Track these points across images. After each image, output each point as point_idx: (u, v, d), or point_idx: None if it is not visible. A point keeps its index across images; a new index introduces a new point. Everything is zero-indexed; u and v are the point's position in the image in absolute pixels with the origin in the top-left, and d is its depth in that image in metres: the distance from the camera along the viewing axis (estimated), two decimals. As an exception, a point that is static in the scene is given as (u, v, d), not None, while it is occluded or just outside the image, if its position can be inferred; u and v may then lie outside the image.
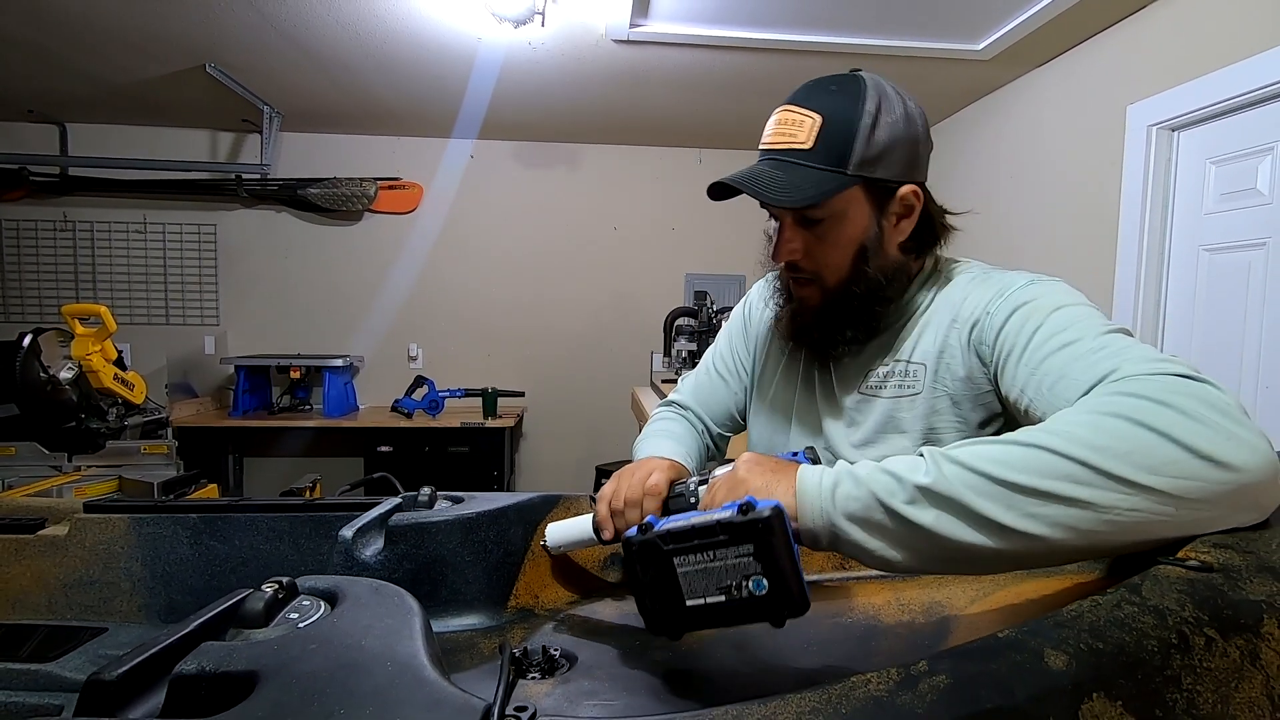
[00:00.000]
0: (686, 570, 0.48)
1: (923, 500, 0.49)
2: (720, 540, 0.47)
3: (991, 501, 0.48)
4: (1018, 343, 0.71)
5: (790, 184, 0.76)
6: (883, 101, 0.77)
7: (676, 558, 0.48)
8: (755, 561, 0.46)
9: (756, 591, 0.46)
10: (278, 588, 0.44)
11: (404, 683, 0.37)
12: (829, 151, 0.76)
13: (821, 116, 0.76)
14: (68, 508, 0.85)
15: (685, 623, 0.49)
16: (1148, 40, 2.23)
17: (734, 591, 0.47)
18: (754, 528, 0.46)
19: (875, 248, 0.81)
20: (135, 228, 3.76)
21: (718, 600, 0.48)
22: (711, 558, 0.48)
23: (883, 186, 0.79)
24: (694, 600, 0.48)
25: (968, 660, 0.36)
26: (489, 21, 2.36)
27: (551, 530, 0.72)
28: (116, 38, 2.56)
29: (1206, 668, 0.37)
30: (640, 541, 0.49)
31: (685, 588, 0.48)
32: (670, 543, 0.48)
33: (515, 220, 3.99)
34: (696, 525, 0.48)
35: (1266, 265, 1.87)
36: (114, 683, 0.37)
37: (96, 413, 2.23)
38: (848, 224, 0.79)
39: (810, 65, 2.69)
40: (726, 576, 0.47)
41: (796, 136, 0.77)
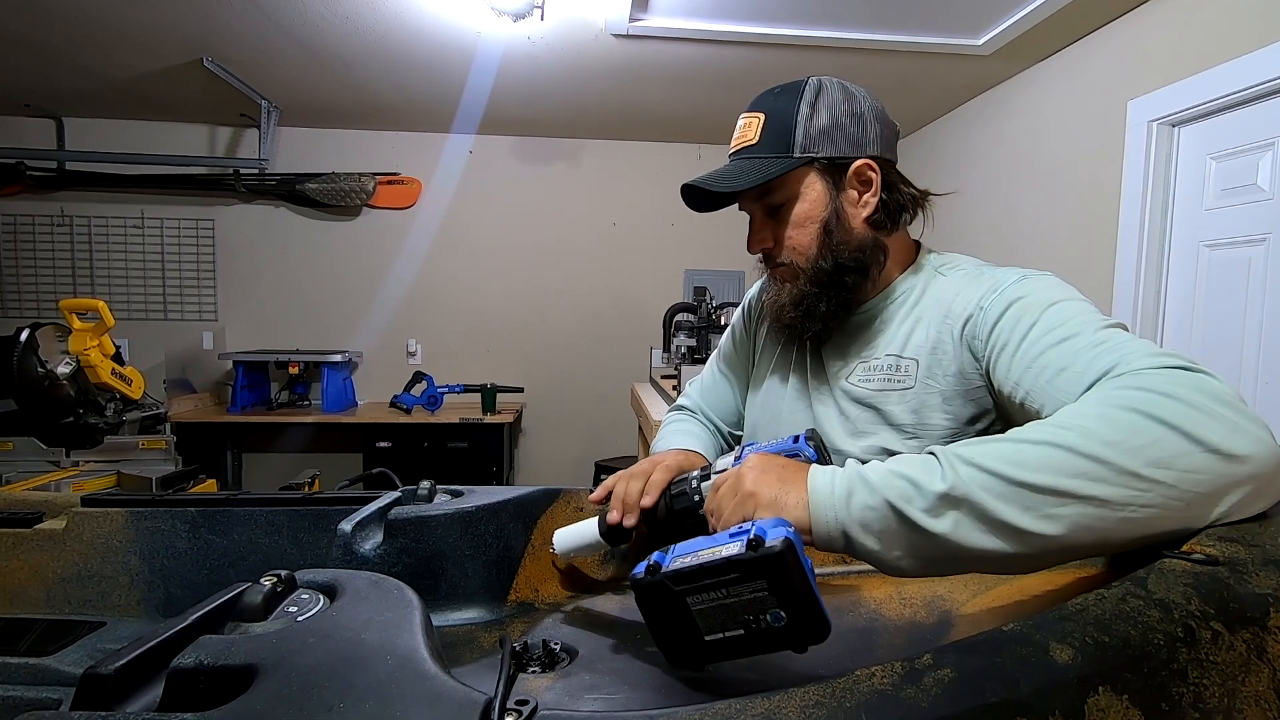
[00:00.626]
0: (701, 608, 0.47)
1: (940, 507, 0.48)
2: (731, 578, 0.46)
3: (1009, 504, 0.47)
4: (1013, 337, 0.71)
5: (739, 174, 0.82)
6: (821, 90, 0.83)
7: (689, 597, 0.47)
8: (771, 596, 0.45)
9: (775, 624, 0.45)
10: (276, 581, 0.44)
11: (404, 676, 0.36)
12: (774, 141, 0.82)
13: (765, 114, 0.84)
14: (65, 502, 0.85)
15: (707, 655, 0.48)
16: (1149, 35, 2.22)
17: (752, 625, 0.46)
18: (766, 564, 0.45)
19: (838, 224, 0.84)
20: (133, 223, 3.75)
21: (737, 634, 0.47)
22: (725, 594, 0.46)
23: (834, 164, 0.83)
24: (713, 635, 0.47)
25: (972, 654, 0.36)
26: (488, 15, 2.35)
27: (558, 538, 0.72)
28: (113, 32, 2.54)
29: (1213, 661, 0.37)
30: (649, 584, 0.48)
31: (703, 624, 0.47)
32: (680, 584, 0.47)
33: (514, 216, 3.98)
34: (705, 565, 0.46)
35: (1267, 261, 1.87)
36: (111, 676, 0.37)
37: (94, 408, 2.22)
38: (806, 204, 0.84)
39: (810, 60, 2.69)
40: (743, 611, 0.46)
41: (746, 135, 0.84)
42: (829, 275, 0.85)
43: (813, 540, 0.52)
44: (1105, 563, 0.61)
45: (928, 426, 0.81)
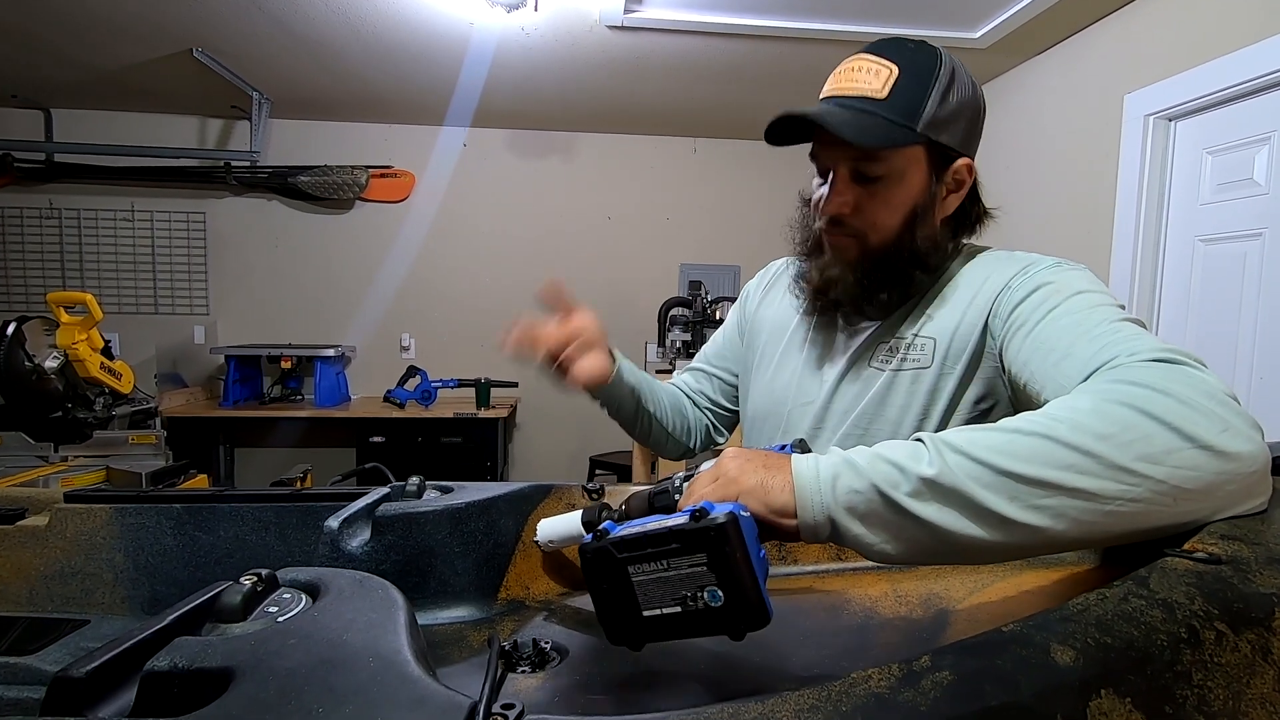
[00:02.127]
0: (642, 579, 0.46)
1: (926, 492, 0.48)
2: (673, 549, 0.45)
3: (995, 493, 0.47)
4: (1031, 318, 0.70)
5: (862, 126, 0.74)
6: (955, 72, 0.77)
7: (631, 566, 0.46)
8: (709, 572, 0.44)
9: (712, 603, 0.44)
10: (256, 580, 0.43)
11: (386, 679, 0.35)
12: (902, 104, 0.74)
13: (898, 67, 0.75)
14: (48, 498, 0.83)
15: (644, 633, 0.47)
16: (1145, 29, 2.22)
17: (689, 602, 0.45)
18: (706, 535, 0.44)
19: (924, 215, 0.80)
20: (123, 215, 3.72)
21: (673, 611, 0.45)
22: (666, 566, 0.45)
23: (943, 153, 0.78)
24: (650, 610, 0.46)
25: (972, 655, 0.35)
26: (481, 6, 2.33)
27: (543, 527, 0.71)
28: (102, 21, 2.51)
29: (1218, 663, 0.36)
30: (594, 549, 0.47)
31: (641, 597, 0.46)
32: (624, 550, 0.46)
33: (508, 209, 3.96)
34: (650, 533, 0.45)
35: (1262, 256, 1.87)
36: (83, 679, 0.36)
37: (83, 402, 2.20)
38: (904, 185, 0.78)
39: (806, 53, 2.67)
40: (682, 586, 0.45)
41: (871, 84, 0.75)
42: (897, 263, 0.82)
43: (798, 525, 0.51)
44: (1102, 558, 0.60)
45: (936, 408, 0.80)
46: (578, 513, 0.69)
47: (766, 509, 0.51)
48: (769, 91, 3.16)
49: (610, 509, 0.68)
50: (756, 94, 3.21)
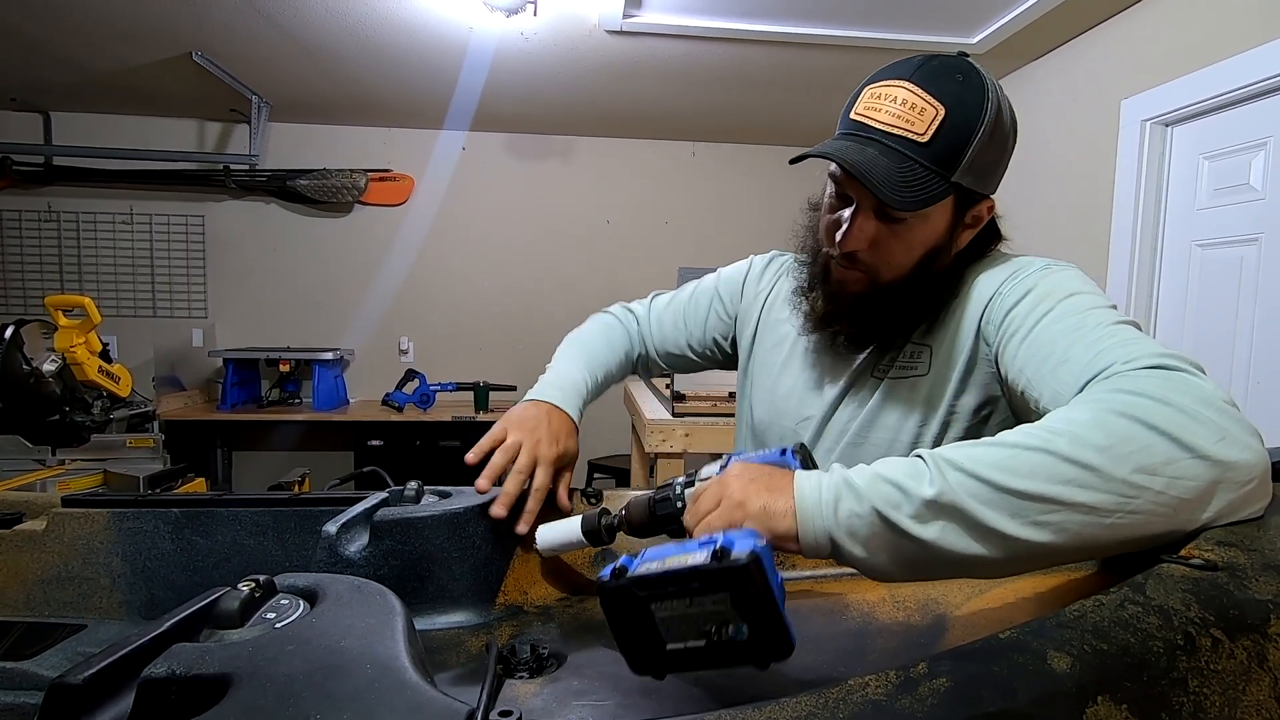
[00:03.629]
0: (664, 616, 0.46)
1: (927, 513, 0.48)
2: (695, 588, 0.45)
3: (996, 510, 0.47)
4: (1025, 323, 0.69)
5: (902, 181, 0.70)
6: (1001, 110, 0.73)
7: (653, 603, 0.46)
8: (733, 609, 0.44)
9: (737, 637, 0.44)
10: (254, 586, 0.43)
11: (384, 686, 0.35)
12: (943, 152, 0.71)
13: (945, 109, 0.70)
14: (45, 502, 0.83)
15: (667, 665, 0.47)
16: (1142, 35, 2.23)
17: (714, 637, 0.45)
18: (730, 576, 0.44)
19: (940, 254, 0.79)
20: (121, 218, 3.71)
21: (698, 645, 0.45)
22: (689, 604, 0.45)
23: (969, 196, 0.76)
24: (674, 644, 0.46)
25: (968, 662, 0.35)
26: (481, 11, 2.33)
27: (541, 533, 0.70)
28: (101, 24, 2.51)
29: (1214, 670, 0.36)
30: (614, 588, 0.47)
31: (664, 631, 0.46)
32: (644, 589, 0.46)
33: (507, 213, 3.96)
34: (670, 572, 0.45)
35: (1259, 261, 1.87)
36: (80, 686, 0.36)
37: (81, 406, 2.19)
38: (927, 227, 0.76)
39: (805, 58, 2.68)
40: (706, 622, 0.45)
41: (915, 125, 0.70)
42: (905, 300, 0.80)
43: (800, 549, 0.52)
44: (1100, 564, 0.61)
45: (934, 415, 0.80)
46: (576, 519, 0.69)
47: (770, 534, 0.51)
48: (767, 96, 3.17)
49: (609, 513, 0.68)
50: (755, 98, 3.22)
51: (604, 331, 1.09)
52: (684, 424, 2.06)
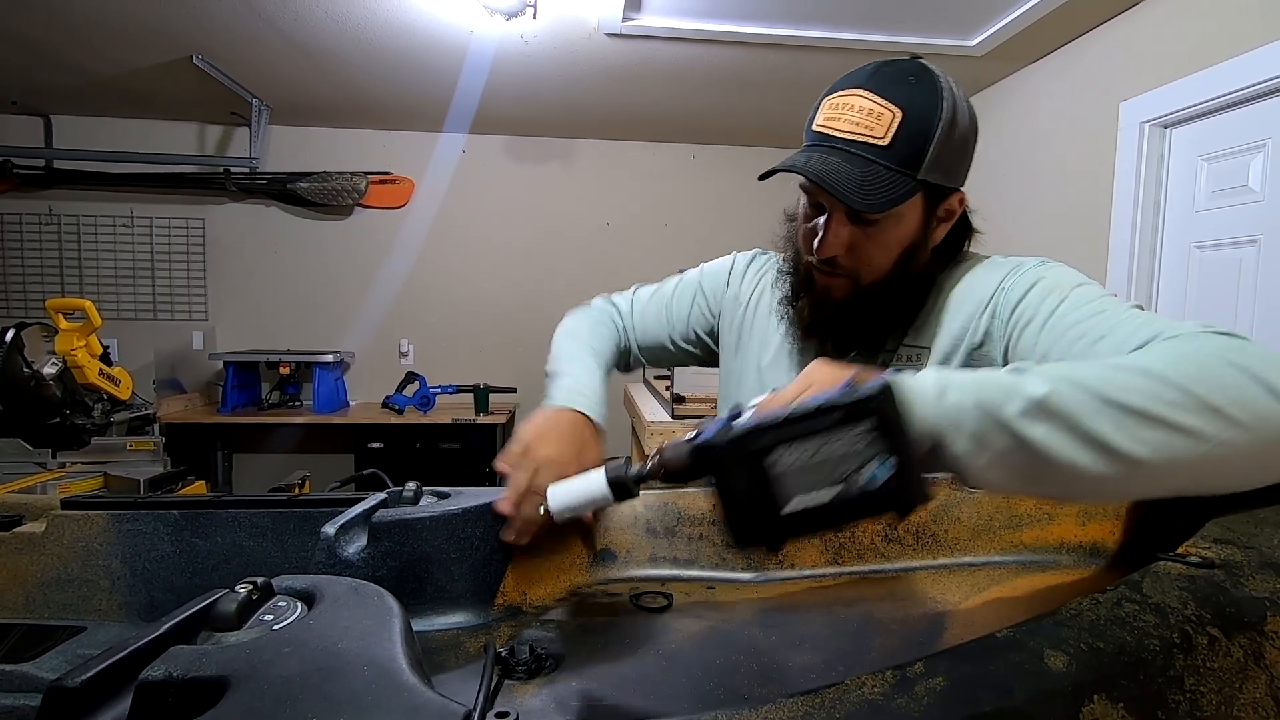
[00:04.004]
0: (784, 469, 0.41)
1: (1035, 412, 0.46)
2: (828, 424, 0.40)
3: (1102, 420, 0.46)
4: (1039, 313, 0.70)
5: (865, 184, 0.72)
6: (957, 108, 0.74)
7: (769, 456, 0.41)
8: (880, 438, 0.40)
9: (880, 476, 0.40)
10: (252, 588, 0.43)
11: (381, 687, 0.35)
12: (905, 152, 0.72)
13: (901, 111, 0.72)
14: (45, 504, 0.83)
15: (785, 529, 0.42)
16: (1140, 37, 2.23)
17: (850, 481, 0.40)
18: (874, 402, 0.40)
19: (917, 250, 0.80)
20: (122, 221, 3.72)
21: (828, 497, 0.41)
22: (816, 449, 0.40)
23: (938, 192, 0.77)
24: (796, 504, 0.41)
25: (965, 661, 0.35)
26: (480, 14, 2.34)
27: (555, 493, 0.61)
28: (102, 28, 2.52)
29: (1210, 668, 0.36)
30: (725, 441, 0.41)
31: (784, 490, 0.41)
32: (762, 438, 0.41)
33: (507, 215, 3.97)
34: (795, 413, 0.40)
35: (1258, 262, 1.87)
36: (77, 689, 0.36)
37: (81, 409, 2.20)
38: (901, 225, 0.77)
39: (804, 60, 2.68)
40: (838, 467, 0.40)
41: (873, 130, 0.72)
42: (888, 299, 0.81)
43: None
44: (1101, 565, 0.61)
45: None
46: (597, 472, 0.60)
47: None
48: (767, 98, 3.17)
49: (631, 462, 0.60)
50: (754, 101, 3.22)
51: (596, 327, 1.05)
52: (684, 426, 2.06)
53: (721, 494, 0.43)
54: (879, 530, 0.72)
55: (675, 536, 0.73)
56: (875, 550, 0.71)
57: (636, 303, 1.11)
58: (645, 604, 0.66)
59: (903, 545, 0.71)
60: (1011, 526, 0.70)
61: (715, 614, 0.63)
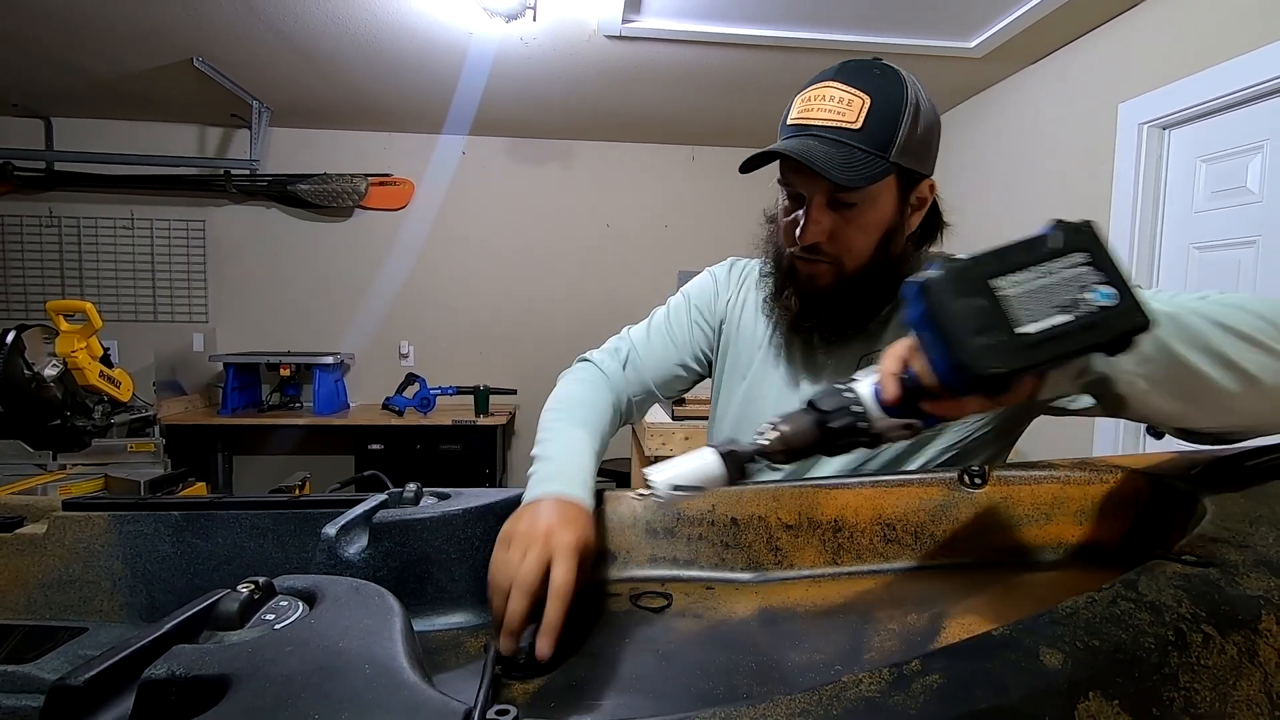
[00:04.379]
0: (1010, 292, 0.40)
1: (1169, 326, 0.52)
2: (1043, 254, 0.40)
3: (1222, 340, 0.53)
4: None
5: (843, 163, 0.75)
6: (919, 95, 0.79)
7: (999, 278, 0.41)
8: (1094, 270, 0.40)
9: (1101, 302, 0.40)
10: (254, 588, 0.43)
11: (382, 685, 0.35)
12: (876, 135, 0.76)
13: (870, 98, 0.76)
14: (46, 506, 0.83)
15: (1018, 355, 0.41)
16: (1139, 38, 2.23)
17: (1076, 307, 0.40)
18: (1084, 233, 0.40)
19: (895, 235, 0.82)
20: (123, 223, 3.72)
21: (1058, 322, 0.40)
22: (1034, 279, 0.40)
23: (910, 177, 0.81)
24: (1028, 325, 0.40)
25: (961, 659, 0.35)
26: (480, 16, 2.34)
27: (662, 474, 0.54)
28: (102, 30, 2.52)
29: (1204, 665, 0.37)
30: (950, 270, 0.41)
31: (1014, 312, 0.40)
32: (984, 265, 0.41)
33: (507, 217, 3.97)
34: (1016, 242, 0.41)
35: (1256, 263, 1.88)
36: (80, 688, 0.36)
37: (82, 410, 2.20)
38: (877, 209, 0.80)
39: (803, 62, 2.69)
40: (1061, 293, 0.40)
41: (845, 115, 0.76)
42: (871, 284, 0.83)
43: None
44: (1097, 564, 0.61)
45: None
46: (701, 451, 0.55)
47: None
48: (766, 100, 3.17)
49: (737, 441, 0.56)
50: (753, 103, 3.23)
51: (589, 393, 0.94)
52: (684, 427, 2.07)
53: (946, 325, 0.42)
54: (878, 531, 0.72)
55: (675, 537, 0.74)
56: (874, 550, 0.72)
57: (635, 342, 1.04)
58: (645, 604, 0.66)
59: (901, 545, 0.71)
60: (1009, 526, 0.70)
61: (714, 614, 0.63)
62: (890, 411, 0.52)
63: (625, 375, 1.01)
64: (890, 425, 0.53)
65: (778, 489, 0.74)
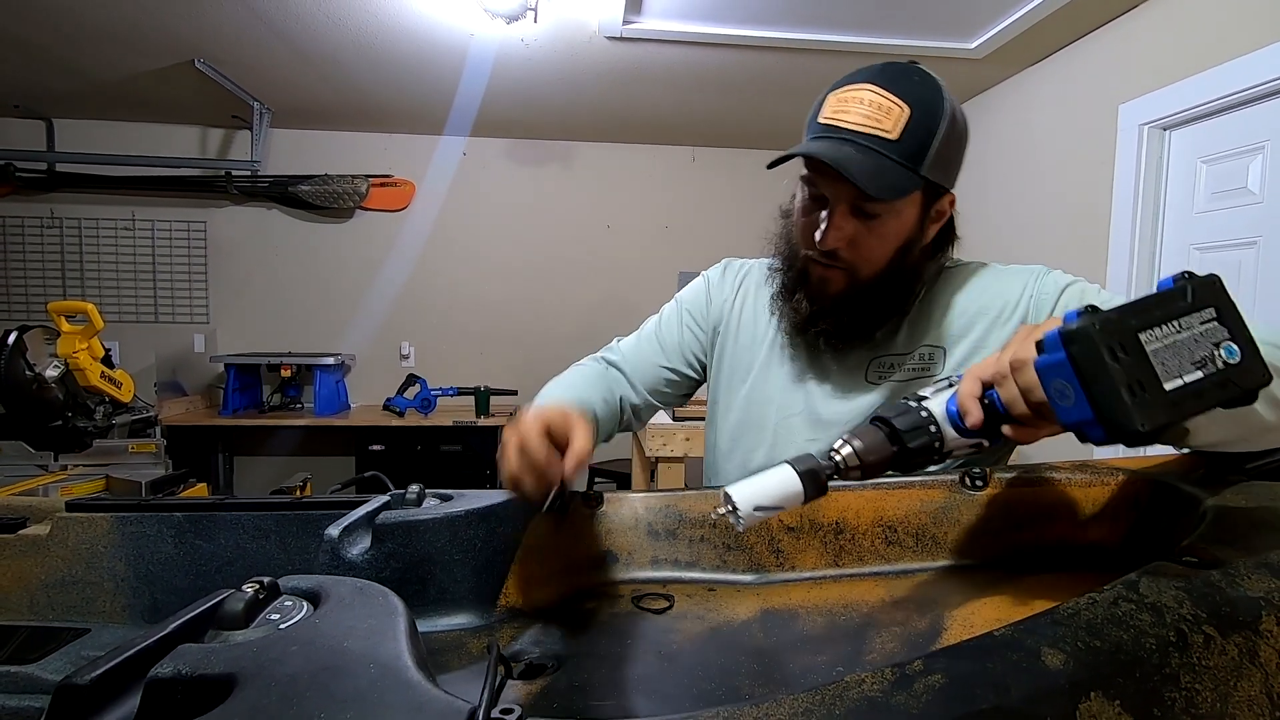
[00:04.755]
0: (1155, 347, 0.41)
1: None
2: (1180, 310, 0.41)
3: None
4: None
5: (878, 174, 0.74)
6: (955, 107, 0.78)
7: (1143, 333, 0.41)
8: (1220, 326, 0.41)
9: (1230, 359, 0.42)
10: (259, 588, 0.43)
11: (386, 685, 0.36)
12: (911, 147, 0.75)
13: (910, 108, 0.74)
14: (49, 507, 0.83)
15: (1163, 412, 0.41)
16: (1140, 39, 2.24)
17: (1209, 364, 0.41)
18: (1214, 288, 0.41)
19: (911, 247, 0.82)
20: (124, 225, 3.73)
21: (1195, 377, 0.41)
22: (1178, 328, 0.41)
23: (935, 190, 0.80)
24: (1170, 381, 0.41)
25: (963, 659, 0.36)
26: (481, 17, 2.35)
27: (745, 494, 0.52)
28: (104, 32, 2.53)
29: (1205, 666, 0.37)
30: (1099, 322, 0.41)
31: (1162, 367, 0.41)
32: (1133, 318, 0.41)
33: (508, 218, 3.98)
34: (1155, 297, 0.42)
35: (1257, 264, 1.88)
36: (87, 687, 0.36)
37: (83, 411, 2.20)
38: (900, 221, 0.80)
39: (803, 63, 2.69)
40: (1194, 350, 0.41)
41: (883, 124, 0.74)
42: (883, 293, 0.83)
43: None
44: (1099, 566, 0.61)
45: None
46: (782, 468, 0.54)
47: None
48: (767, 101, 3.18)
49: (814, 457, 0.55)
50: (754, 104, 3.23)
51: (586, 375, 0.99)
52: (684, 428, 2.07)
53: (1099, 379, 0.42)
54: (879, 533, 0.72)
55: (677, 538, 0.74)
56: (875, 552, 0.72)
57: (626, 350, 1.06)
58: (647, 605, 0.66)
59: (903, 547, 0.72)
60: (1011, 528, 0.71)
61: (716, 615, 0.63)
62: (965, 432, 0.53)
63: (617, 380, 1.02)
64: (962, 444, 0.55)
65: (779, 490, 0.74)
